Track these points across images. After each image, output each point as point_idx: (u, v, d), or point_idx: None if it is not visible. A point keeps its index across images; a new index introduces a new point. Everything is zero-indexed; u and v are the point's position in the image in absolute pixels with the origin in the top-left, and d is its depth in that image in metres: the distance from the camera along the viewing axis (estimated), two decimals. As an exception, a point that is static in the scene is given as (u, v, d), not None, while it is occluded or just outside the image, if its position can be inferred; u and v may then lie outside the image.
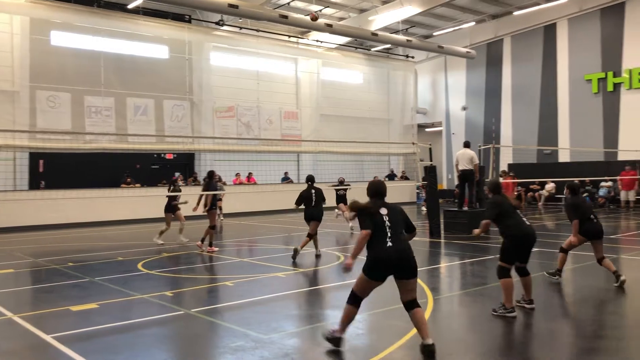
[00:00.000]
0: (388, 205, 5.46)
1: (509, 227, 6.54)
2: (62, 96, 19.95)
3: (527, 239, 6.52)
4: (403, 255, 5.23)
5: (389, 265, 5.21)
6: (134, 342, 5.83)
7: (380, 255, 5.21)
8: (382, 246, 5.20)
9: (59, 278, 9.50)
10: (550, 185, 25.10)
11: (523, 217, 6.66)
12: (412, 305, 5.30)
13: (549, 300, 7.47)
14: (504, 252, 6.59)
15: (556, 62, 26.28)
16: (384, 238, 5.22)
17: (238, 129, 24.24)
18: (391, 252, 5.19)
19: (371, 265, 5.28)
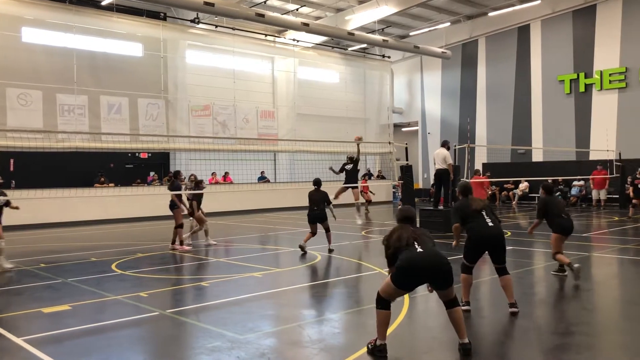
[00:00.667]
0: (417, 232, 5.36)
1: (470, 229, 6.69)
2: (34, 94, 19.56)
3: (487, 239, 6.61)
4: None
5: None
6: (107, 344, 5.75)
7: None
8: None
9: (30, 279, 9.32)
10: (524, 184, 25.46)
11: (487, 219, 6.65)
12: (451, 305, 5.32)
13: (521, 298, 7.57)
14: (464, 251, 6.82)
15: (530, 62, 26.67)
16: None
17: (214, 128, 24.06)
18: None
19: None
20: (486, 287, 8.35)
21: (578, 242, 12.82)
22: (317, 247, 12.07)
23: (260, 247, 13.33)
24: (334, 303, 7.65)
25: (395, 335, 5.78)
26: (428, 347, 5.50)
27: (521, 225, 17.17)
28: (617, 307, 7.19)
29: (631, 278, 9.14)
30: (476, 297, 7.68)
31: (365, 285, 8.79)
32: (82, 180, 19.91)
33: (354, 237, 14.51)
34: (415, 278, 5.17)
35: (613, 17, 23.88)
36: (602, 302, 7.54)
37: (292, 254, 11.68)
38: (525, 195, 25.55)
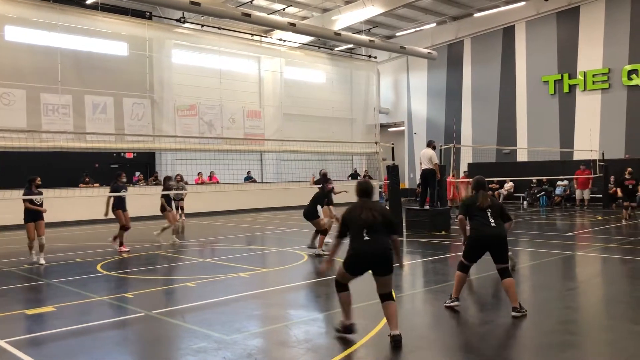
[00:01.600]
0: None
1: (473, 227, 6.70)
2: (17, 93, 19.33)
3: (486, 240, 6.57)
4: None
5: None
6: (92, 346, 5.70)
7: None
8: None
9: (13, 281, 9.22)
10: (509, 184, 25.65)
11: (490, 218, 6.60)
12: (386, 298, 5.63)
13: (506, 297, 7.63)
14: (465, 249, 6.84)
15: (514, 63, 26.89)
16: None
17: (200, 128, 23.95)
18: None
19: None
20: (472, 286, 8.40)
21: (562, 241, 12.96)
22: (304, 247, 12.06)
23: (247, 248, 13.30)
24: (321, 303, 7.65)
25: (381, 334, 5.80)
26: (414, 346, 5.52)
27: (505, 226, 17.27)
28: (601, 306, 7.27)
29: (615, 276, 9.25)
30: (462, 296, 7.72)
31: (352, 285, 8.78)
32: (67, 180, 19.71)
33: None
34: (361, 265, 5.64)
35: (596, 19, 24.17)
36: (586, 300, 7.62)
37: (279, 254, 11.67)
38: (510, 195, 25.75)
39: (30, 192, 11.39)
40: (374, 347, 5.48)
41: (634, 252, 11.14)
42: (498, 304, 7.25)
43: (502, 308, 6.99)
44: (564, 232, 15.16)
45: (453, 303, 6.76)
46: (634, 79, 23.11)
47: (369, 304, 7.14)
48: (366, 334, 5.75)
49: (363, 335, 5.72)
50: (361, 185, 5.96)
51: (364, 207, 5.67)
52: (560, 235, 14.27)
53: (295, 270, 10.00)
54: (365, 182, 6.07)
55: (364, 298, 7.52)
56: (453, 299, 6.77)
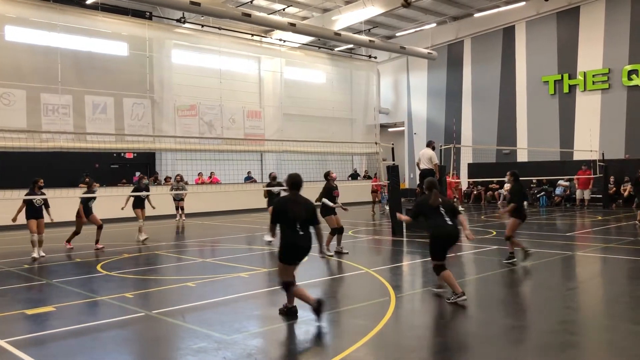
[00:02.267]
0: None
1: (431, 227, 7.04)
2: (17, 93, 19.33)
3: (445, 237, 6.96)
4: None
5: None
6: (92, 346, 5.70)
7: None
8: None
9: (13, 281, 9.22)
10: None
11: (445, 217, 6.98)
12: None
13: (505, 298, 7.64)
14: (430, 251, 7.11)
15: (514, 63, 26.89)
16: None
17: (200, 128, 23.96)
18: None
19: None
20: (472, 286, 8.40)
21: (562, 241, 12.96)
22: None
23: (247, 248, 13.29)
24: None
25: (381, 334, 5.80)
26: (414, 347, 5.52)
27: (506, 225, 17.27)
28: (601, 306, 7.27)
29: (615, 277, 9.24)
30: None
31: (352, 285, 8.81)
32: (67, 180, 19.71)
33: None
34: (294, 256, 6.27)
35: (596, 19, 24.17)
36: (586, 300, 7.62)
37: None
38: (510, 195, 25.71)
39: (32, 193, 12.04)
40: (374, 347, 5.47)
41: (634, 252, 11.14)
42: (498, 304, 7.25)
43: (502, 308, 6.99)
44: (564, 232, 15.16)
45: (461, 298, 6.88)
46: (634, 79, 23.11)
47: (368, 304, 7.15)
48: (366, 334, 5.75)
49: (363, 335, 5.72)
50: (292, 179, 6.37)
51: (296, 202, 6.25)
52: (560, 235, 14.27)
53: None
54: (296, 175, 6.44)
55: (363, 299, 7.53)
56: (459, 295, 6.90)
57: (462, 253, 11.47)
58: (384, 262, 10.51)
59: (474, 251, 11.63)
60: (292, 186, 6.38)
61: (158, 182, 22.58)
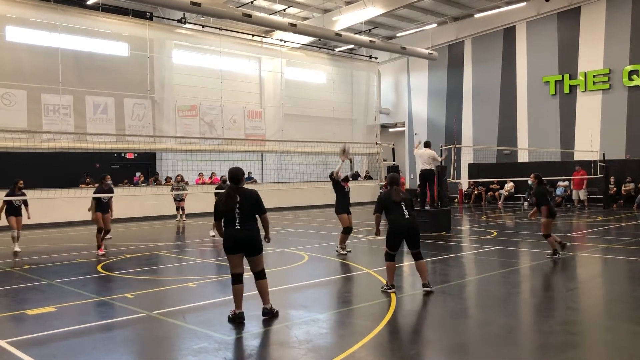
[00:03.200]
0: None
1: (388, 220, 7.65)
2: (18, 93, 19.36)
3: (402, 229, 7.54)
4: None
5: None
6: (93, 346, 5.71)
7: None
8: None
9: (14, 281, 9.22)
10: (510, 184, 25.65)
11: (405, 211, 7.54)
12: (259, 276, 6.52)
13: (506, 298, 7.64)
14: (386, 240, 7.72)
15: (515, 64, 26.89)
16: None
17: (201, 129, 23.97)
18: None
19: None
20: (472, 286, 8.41)
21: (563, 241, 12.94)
22: (304, 247, 12.06)
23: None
24: (321, 303, 7.66)
25: (381, 334, 5.80)
26: (414, 347, 5.53)
27: (507, 226, 17.30)
28: (602, 306, 7.27)
29: (615, 277, 9.25)
30: (462, 297, 7.73)
31: (352, 285, 8.81)
32: (68, 180, 19.74)
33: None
34: (235, 248, 6.35)
35: (597, 19, 24.16)
36: (587, 300, 7.62)
37: (280, 255, 11.67)
38: (511, 195, 25.74)
39: (12, 194, 12.82)
40: (374, 348, 5.47)
41: (635, 252, 11.14)
42: (498, 304, 7.25)
43: (502, 309, 6.99)
44: (565, 232, 15.15)
45: (390, 290, 7.59)
46: (635, 79, 23.10)
47: (369, 304, 7.15)
48: (367, 335, 5.75)
49: (364, 335, 5.72)
50: (231, 172, 6.59)
51: (233, 195, 6.38)
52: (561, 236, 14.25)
53: (296, 270, 9.99)
54: (236, 168, 6.66)
55: (364, 299, 7.53)
56: (389, 286, 7.65)
57: (463, 253, 11.47)
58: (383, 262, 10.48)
59: (474, 252, 11.63)
60: (231, 180, 6.58)
61: (158, 183, 22.58)
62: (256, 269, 6.50)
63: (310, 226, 16.81)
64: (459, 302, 7.40)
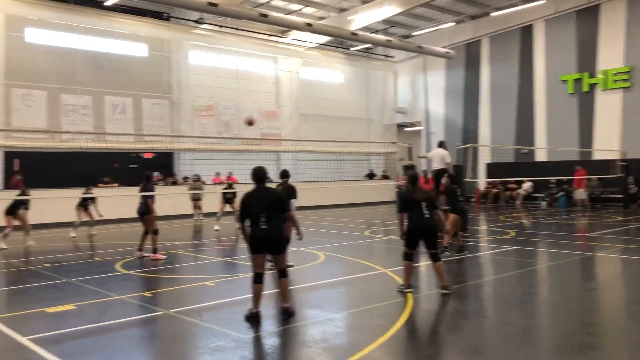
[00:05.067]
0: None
1: (409, 218, 7.56)
2: (38, 94, 19.62)
3: (420, 229, 7.46)
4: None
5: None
6: (111, 344, 5.77)
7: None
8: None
9: (34, 279, 9.35)
10: (528, 184, 25.41)
11: (424, 210, 7.42)
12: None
13: (523, 298, 7.58)
14: (405, 240, 7.64)
15: (533, 62, 26.61)
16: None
17: (217, 128, 24.09)
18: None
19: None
20: (489, 287, 8.35)
21: (581, 241, 12.81)
22: (320, 247, 12.07)
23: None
24: (337, 303, 7.66)
25: (397, 334, 5.79)
26: (431, 348, 5.50)
27: (525, 225, 17.14)
28: (622, 307, 7.17)
29: (635, 277, 9.11)
30: (479, 297, 7.69)
31: (368, 285, 8.79)
32: (86, 180, 19.91)
33: (357, 237, 14.50)
34: (260, 247, 6.41)
35: (617, 17, 23.81)
36: (606, 301, 7.52)
37: (296, 254, 11.67)
38: (529, 195, 25.50)
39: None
40: (390, 348, 5.46)
41: (656, 253, 10.97)
42: (516, 305, 7.19)
43: (520, 309, 6.93)
44: (584, 232, 14.99)
45: (406, 290, 7.53)
46: (656, 77, 22.73)
47: (385, 304, 7.14)
48: (383, 335, 5.73)
49: (380, 335, 5.71)
50: (255, 171, 6.63)
51: (258, 194, 6.47)
52: (580, 236, 14.11)
53: (312, 270, 10.00)
54: (260, 167, 6.69)
55: (380, 299, 7.52)
56: (405, 286, 7.59)
57: (480, 253, 11.40)
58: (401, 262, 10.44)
59: (492, 252, 11.55)
60: (255, 179, 6.64)
61: (175, 182, 22.74)
62: (279, 267, 6.60)
63: (326, 225, 16.81)
64: (475, 303, 7.36)
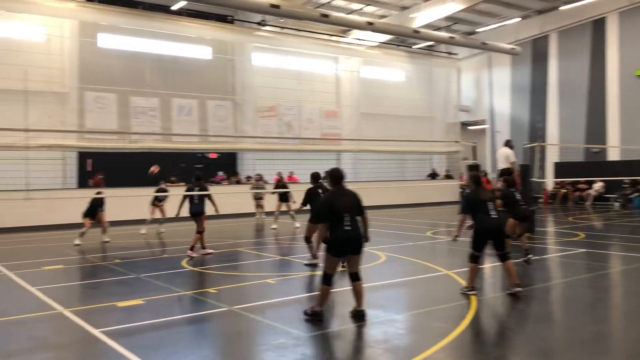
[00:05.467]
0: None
1: (475, 220, 7.40)
2: (109, 97, 20.46)
3: (489, 230, 7.30)
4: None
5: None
6: (177, 338, 5.94)
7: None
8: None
9: (106, 274, 9.75)
10: (599, 184, 24.36)
11: (491, 211, 7.29)
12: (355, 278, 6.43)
13: (594, 303, 7.26)
14: (471, 241, 7.46)
15: (605, 57, 25.45)
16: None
17: (279, 129, 24.39)
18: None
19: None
20: (558, 290, 8.05)
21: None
22: (381, 247, 11.99)
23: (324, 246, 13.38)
24: (399, 304, 7.59)
25: (461, 337, 5.67)
26: (494, 351, 5.36)
27: (595, 227, 16.44)
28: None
29: None
30: (546, 300, 7.43)
31: (430, 286, 8.66)
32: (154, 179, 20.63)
33: (419, 238, 14.32)
34: (343, 248, 6.30)
35: (698, 7, 22.46)
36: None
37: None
38: (600, 195, 24.43)
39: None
40: (453, 350, 5.36)
41: None
42: (585, 309, 6.90)
43: (590, 314, 6.65)
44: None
45: (470, 292, 7.36)
46: None
47: (448, 306, 7.02)
48: (445, 337, 5.64)
49: (442, 337, 5.62)
50: (336, 172, 6.52)
51: (343, 195, 6.38)
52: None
53: (373, 270, 9.95)
54: (338, 168, 6.61)
55: (442, 301, 7.40)
56: (469, 288, 7.41)
57: (548, 256, 11.01)
58: (464, 264, 10.24)
59: (560, 254, 11.14)
60: (334, 180, 6.51)
61: (239, 181, 23.19)
62: (355, 268, 6.45)
63: (387, 226, 16.69)
64: (543, 306, 7.12)
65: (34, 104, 17.58)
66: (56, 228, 17.12)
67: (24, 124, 16.70)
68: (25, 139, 15.04)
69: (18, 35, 19.63)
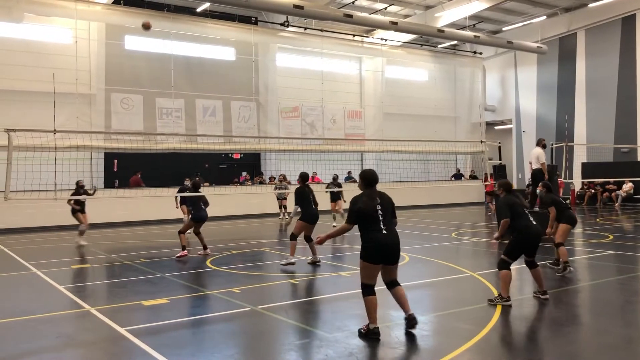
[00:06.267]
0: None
1: (518, 227, 6.91)
2: (135, 98, 20.74)
3: (532, 238, 6.95)
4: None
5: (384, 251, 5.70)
6: (201, 338, 5.98)
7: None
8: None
9: (131, 273, 9.87)
10: (628, 185, 23.89)
11: (530, 217, 6.97)
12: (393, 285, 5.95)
13: (624, 306, 7.11)
14: (508, 248, 7.00)
15: (636, 55, 24.94)
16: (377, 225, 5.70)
17: (302, 129, 24.44)
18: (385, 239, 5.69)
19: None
20: (586, 292, 7.90)
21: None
22: (405, 248, 11.91)
23: (348, 247, 13.36)
24: (423, 305, 7.52)
25: (486, 339, 5.60)
26: (521, 354, 5.27)
27: (625, 229, 16.11)
28: None
29: None
30: (574, 303, 7.30)
31: (455, 288, 8.57)
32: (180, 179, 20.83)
33: (444, 239, 14.20)
34: (381, 256, 5.69)
35: None
36: None
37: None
38: (629, 196, 23.95)
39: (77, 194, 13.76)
40: (478, 353, 5.30)
41: None
42: (616, 312, 6.76)
43: (620, 317, 6.51)
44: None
45: (506, 303, 6.84)
46: None
47: (473, 308, 6.94)
48: (471, 339, 5.57)
49: (467, 339, 5.55)
50: (370, 175, 6.01)
51: (377, 197, 5.85)
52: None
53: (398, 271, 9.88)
54: (371, 170, 6.12)
55: (467, 303, 7.32)
56: (505, 299, 6.88)
57: (576, 258, 10.82)
58: (490, 265, 10.13)
59: (588, 256, 10.94)
60: (367, 182, 5.99)
61: (263, 182, 23.29)
62: (393, 276, 5.96)
63: (411, 226, 16.59)
64: (570, 309, 6.99)
65: (62, 105, 17.89)
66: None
67: (53, 125, 17.01)
68: (54, 140, 15.29)
69: (46, 39, 20.05)
